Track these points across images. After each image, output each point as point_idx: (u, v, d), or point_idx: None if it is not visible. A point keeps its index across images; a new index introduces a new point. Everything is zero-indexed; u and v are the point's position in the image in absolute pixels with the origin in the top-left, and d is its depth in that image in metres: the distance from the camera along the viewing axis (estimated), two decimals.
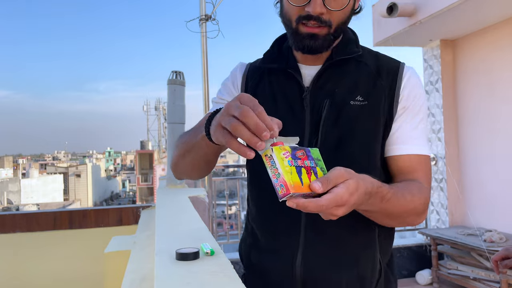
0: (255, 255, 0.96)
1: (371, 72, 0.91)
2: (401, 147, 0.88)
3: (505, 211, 3.61)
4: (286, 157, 0.63)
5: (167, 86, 2.65)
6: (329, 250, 0.87)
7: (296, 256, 0.88)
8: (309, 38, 0.84)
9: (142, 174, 33.33)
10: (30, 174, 35.08)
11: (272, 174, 0.63)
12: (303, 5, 0.82)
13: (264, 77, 0.96)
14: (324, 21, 0.83)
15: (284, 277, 0.89)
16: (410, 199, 0.80)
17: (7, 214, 2.66)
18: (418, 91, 0.90)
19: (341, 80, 0.90)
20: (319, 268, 0.87)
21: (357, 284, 0.88)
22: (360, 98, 0.88)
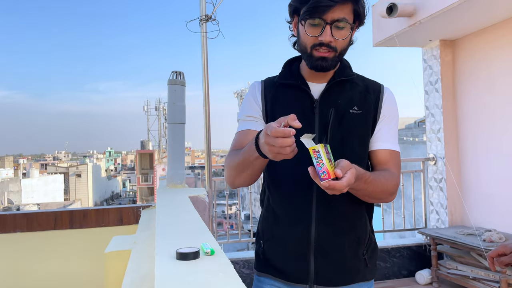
0: (276, 229, 1.23)
1: (362, 90, 1.24)
2: (380, 144, 1.22)
3: (504, 211, 3.61)
4: (326, 152, 0.91)
5: (167, 86, 2.65)
6: (335, 221, 1.18)
7: (311, 227, 1.17)
8: (321, 60, 1.15)
9: (142, 174, 33.32)
10: (31, 174, 35.07)
11: (317, 163, 0.91)
12: (317, 36, 1.13)
13: (280, 91, 1.25)
14: (332, 47, 1.14)
15: (301, 244, 1.18)
16: (384, 182, 1.14)
17: (8, 214, 2.66)
18: (393, 105, 1.26)
19: (342, 95, 1.21)
20: (328, 234, 1.17)
21: (355, 244, 1.20)
22: (356, 108, 1.20)
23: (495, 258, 1.28)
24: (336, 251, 1.18)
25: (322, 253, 1.17)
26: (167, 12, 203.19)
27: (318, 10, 1.10)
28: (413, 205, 4.33)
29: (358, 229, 1.21)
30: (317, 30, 1.13)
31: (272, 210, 1.24)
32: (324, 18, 1.10)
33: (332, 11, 1.10)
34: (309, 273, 1.17)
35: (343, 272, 1.19)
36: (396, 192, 1.19)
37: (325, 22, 1.11)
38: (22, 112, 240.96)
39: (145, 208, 2.58)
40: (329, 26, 1.11)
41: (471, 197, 3.98)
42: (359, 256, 1.21)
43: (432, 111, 4.24)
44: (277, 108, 1.22)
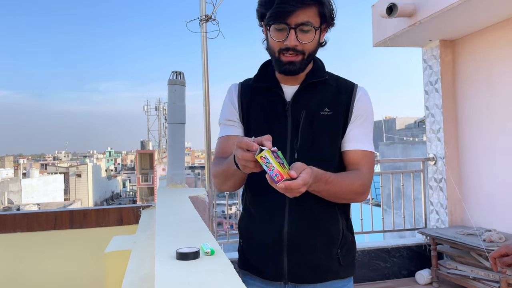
0: (252, 229, 1.27)
1: (334, 90, 1.24)
2: (351, 144, 1.22)
3: (504, 211, 3.61)
4: (275, 157, 0.94)
5: (167, 86, 2.65)
6: (307, 222, 1.20)
7: (283, 227, 1.19)
8: (288, 64, 1.17)
9: (142, 174, 33.32)
10: (31, 174, 35.06)
11: (267, 168, 0.93)
12: (282, 40, 1.14)
13: (255, 94, 1.28)
14: (299, 51, 1.15)
15: (275, 243, 1.20)
16: (348, 183, 1.16)
17: (8, 214, 2.66)
18: (366, 105, 1.25)
19: (313, 97, 1.23)
20: (300, 235, 1.20)
21: (328, 243, 1.22)
22: (327, 109, 1.21)
23: (497, 259, 1.28)
24: (308, 250, 1.20)
25: (295, 252, 1.20)
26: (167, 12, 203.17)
27: (281, 15, 1.11)
28: (413, 205, 4.33)
29: (331, 229, 1.23)
30: (282, 35, 1.14)
31: (248, 210, 1.29)
32: (288, 23, 1.11)
33: (295, 15, 1.10)
34: (283, 271, 1.20)
35: (316, 270, 1.22)
36: (365, 193, 1.21)
37: (289, 27, 1.12)
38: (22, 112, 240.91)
39: (145, 208, 2.58)
40: (293, 30, 1.12)
41: (471, 197, 3.98)
42: (332, 255, 1.23)
43: (432, 111, 4.24)
44: (252, 111, 1.25)
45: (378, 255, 3.91)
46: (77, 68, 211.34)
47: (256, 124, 1.24)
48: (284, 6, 1.10)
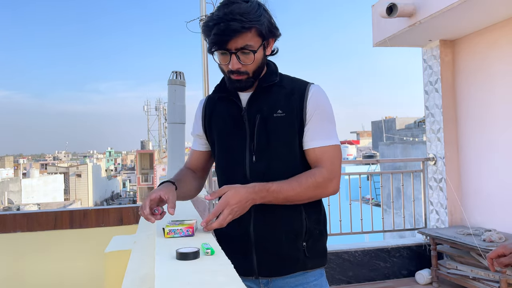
0: (222, 230, 1.27)
1: (287, 92, 1.29)
2: (309, 143, 1.27)
3: (504, 211, 3.61)
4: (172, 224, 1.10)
5: (167, 86, 2.66)
6: (271, 219, 1.27)
7: (250, 226, 1.27)
8: (236, 82, 1.25)
9: (142, 174, 33.31)
10: (31, 174, 35.05)
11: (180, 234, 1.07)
12: (226, 64, 1.22)
13: (216, 104, 1.37)
14: (242, 72, 1.22)
15: (243, 241, 1.28)
16: (297, 184, 1.21)
17: (8, 214, 2.66)
18: (319, 102, 1.28)
19: (266, 100, 1.29)
20: (265, 232, 1.27)
21: (292, 237, 1.28)
22: (280, 111, 1.26)
23: (494, 259, 1.27)
24: (274, 245, 1.27)
25: (262, 248, 1.27)
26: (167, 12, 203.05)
27: (220, 42, 1.17)
28: (413, 205, 4.33)
29: (294, 224, 1.28)
30: (226, 59, 1.22)
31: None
32: (228, 48, 1.18)
33: (233, 41, 1.16)
34: (253, 267, 1.28)
35: (283, 263, 1.28)
36: (327, 186, 1.24)
37: (230, 52, 1.18)
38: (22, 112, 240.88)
39: None
40: (234, 55, 1.19)
41: (471, 197, 3.98)
42: (298, 247, 1.28)
43: (432, 111, 4.24)
44: (213, 120, 1.35)
45: (378, 255, 3.91)
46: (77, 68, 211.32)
47: (217, 133, 1.34)
48: (220, 37, 1.16)
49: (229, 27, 1.14)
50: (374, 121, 19.32)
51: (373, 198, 7.21)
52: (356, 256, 3.85)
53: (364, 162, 14.11)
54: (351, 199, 4.01)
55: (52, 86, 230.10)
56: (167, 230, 1.02)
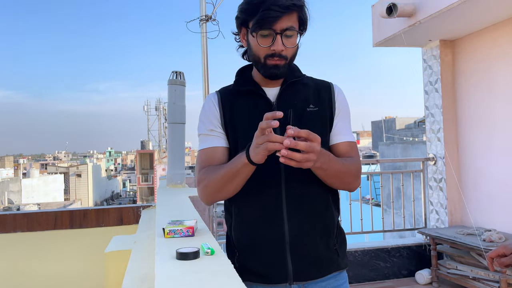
0: (250, 236, 1.24)
1: (314, 89, 1.30)
2: (339, 137, 1.29)
3: (504, 211, 3.61)
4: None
5: (167, 86, 2.66)
6: (306, 217, 1.22)
7: (284, 227, 1.20)
8: (273, 68, 1.20)
9: (142, 174, 33.31)
10: (31, 174, 35.06)
11: (178, 234, 1.06)
12: (269, 46, 1.18)
13: (237, 99, 1.29)
14: (283, 56, 1.19)
15: (277, 246, 1.20)
16: (347, 164, 1.22)
17: (8, 214, 2.66)
18: (345, 100, 1.34)
19: (297, 95, 1.28)
20: (301, 231, 1.21)
21: (325, 236, 1.25)
22: (312, 106, 1.26)
23: (495, 259, 1.26)
24: (310, 246, 1.22)
25: (297, 251, 1.21)
26: (167, 12, 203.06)
27: (268, 21, 1.14)
28: (413, 205, 4.33)
29: (327, 221, 1.26)
30: (268, 40, 1.18)
31: (242, 217, 1.26)
32: (274, 28, 1.15)
33: (280, 21, 1.15)
34: (288, 272, 1.20)
35: (319, 265, 1.24)
36: (359, 178, 1.28)
37: (275, 32, 1.16)
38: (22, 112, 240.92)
39: (145, 208, 2.58)
40: (279, 35, 1.16)
41: (471, 197, 3.98)
42: (330, 247, 1.26)
43: (432, 111, 4.24)
44: (236, 115, 1.26)
45: (378, 255, 3.91)
46: (77, 68, 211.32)
47: (242, 128, 1.24)
48: (270, 12, 1.14)
49: (282, 3, 1.14)
50: (374, 121, 19.33)
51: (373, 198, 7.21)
52: (356, 256, 3.85)
53: (364, 162, 14.08)
54: (351, 199, 4.01)
55: (52, 86, 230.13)
56: (167, 230, 1.02)
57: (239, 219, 1.26)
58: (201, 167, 1.26)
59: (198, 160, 1.29)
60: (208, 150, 1.27)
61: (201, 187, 1.24)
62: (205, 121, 1.30)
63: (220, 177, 1.17)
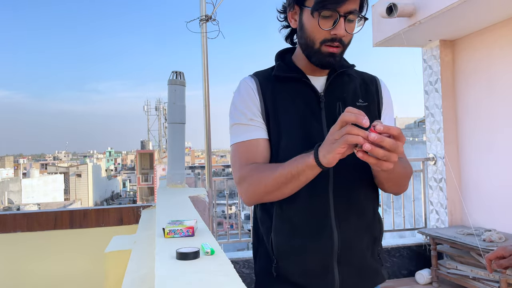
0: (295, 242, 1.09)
1: (361, 82, 1.18)
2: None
3: (504, 211, 3.61)
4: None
5: (167, 86, 2.66)
6: (355, 223, 1.10)
7: (333, 234, 1.07)
8: (330, 56, 1.06)
9: (142, 174, 33.31)
10: (31, 174, 35.06)
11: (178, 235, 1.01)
12: (329, 29, 1.03)
13: (278, 85, 1.13)
14: (343, 42, 1.05)
15: (324, 254, 1.07)
16: (405, 166, 1.10)
17: (8, 214, 2.66)
18: (390, 97, 1.23)
19: (344, 88, 1.14)
20: (350, 239, 1.09)
21: (372, 244, 1.14)
22: (361, 100, 1.14)
23: (493, 261, 1.24)
24: (358, 255, 1.11)
25: (345, 261, 1.08)
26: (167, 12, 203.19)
27: (337, 0, 1.00)
28: (413, 205, 4.33)
29: (374, 228, 1.15)
30: (329, 23, 1.03)
31: (287, 220, 1.10)
32: (338, 10, 1.01)
33: (348, 2, 1.00)
34: (334, 283, 1.08)
35: (367, 276, 1.13)
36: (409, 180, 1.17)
37: (339, 14, 1.01)
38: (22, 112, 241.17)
39: (145, 208, 2.58)
40: (343, 18, 1.01)
41: (471, 197, 3.98)
42: (375, 257, 1.15)
43: (432, 111, 4.24)
44: (279, 103, 1.11)
45: None
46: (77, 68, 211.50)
47: (286, 119, 1.09)
48: None
49: None
50: None
51: None
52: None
53: None
54: None
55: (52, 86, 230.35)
56: (167, 230, 1.02)
57: (283, 222, 1.11)
58: (243, 162, 1.09)
59: (236, 154, 1.12)
60: (249, 143, 1.09)
61: (245, 185, 1.07)
62: (243, 108, 1.11)
63: (274, 177, 1.01)
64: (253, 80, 1.14)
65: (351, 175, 1.08)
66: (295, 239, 1.09)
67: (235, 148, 1.13)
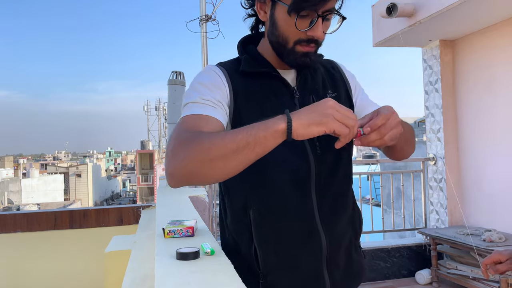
0: (282, 251, 1.00)
1: (324, 70, 1.12)
2: (367, 109, 1.09)
3: (504, 211, 3.61)
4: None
5: (167, 86, 2.66)
6: (338, 221, 1.04)
7: (321, 237, 1.00)
8: (305, 56, 0.99)
9: (142, 174, 33.31)
10: (31, 174, 35.07)
11: (178, 235, 0.99)
12: (305, 30, 0.95)
13: (248, 80, 1.03)
14: (319, 42, 0.98)
15: (313, 260, 1.00)
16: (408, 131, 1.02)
17: (8, 214, 2.66)
18: (352, 74, 1.16)
19: (314, 79, 1.08)
20: (336, 240, 1.03)
21: (354, 238, 1.09)
22: (330, 91, 1.08)
23: (490, 266, 1.21)
24: (345, 255, 1.05)
25: (333, 263, 1.02)
26: (167, 12, 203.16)
27: (314, 1, 0.92)
28: (413, 205, 4.33)
29: (354, 221, 1.09)
30: (305, 23, 0.94)
31: (270, 228, 0.99)
32: (316, 9, 0.93)
33: (329, 2, 0.93)
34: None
35: (354, 273, 1.08)
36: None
37: (317, 14, 0.93)
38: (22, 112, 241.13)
39: (145, 208, 2.58)
40: (321, 18, 0.94)
41: (471, 197, 3.98)
42: (358, 251, 1.10)
43: (432, 111, 4.24)
44: (249, 99, 1.00)
45: (378, 255, 3.91)
46: (77, 68, 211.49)
47: (259, 115, 0.90)
48: None
49: None
50: None
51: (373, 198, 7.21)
52: None
53: (364, 162, 14.09)
54: None
55: (52, 86, 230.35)
56: (167, 230, 1.02)
57: (265, 231, 0.99)
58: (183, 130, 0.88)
59: (178, 127, 0.91)
60: (199, 117, 0.92)
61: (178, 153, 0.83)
62: (204, 91, 0.97)
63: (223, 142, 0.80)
64: (220, 70, 1.03)
65: (332, 170, 1.02)
66: (282, 248, 0.99)
67: (179, 122, 0.94)
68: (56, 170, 42.79)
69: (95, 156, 66.54)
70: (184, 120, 0.93)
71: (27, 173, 36.39)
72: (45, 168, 46.71)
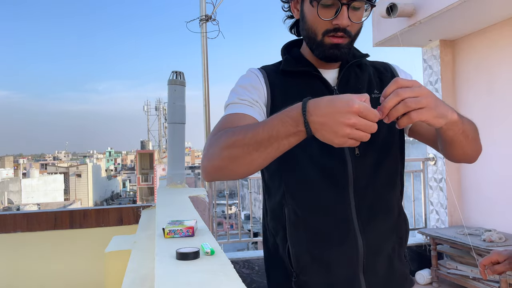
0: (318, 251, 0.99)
1: (373, 71, 1.09)
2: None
3: (504, 211, 3.62)
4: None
5: (167, 86, 2.65)
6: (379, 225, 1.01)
7: (357, 239, 0.98)
8: (334, 48, 0.98)
9: (142, 174, 33.32)
10: (31, 174, 35.08)
11: (178, 235, 0.98)
12: (331, 19, 0.95)
13: (287, 80, 1.04)
14: (348, 32, 0.97)
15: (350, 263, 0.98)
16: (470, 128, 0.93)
17: (8, 214, 2.66)
18: (407, 74, 1.12)
19: (358, 79, 1.06)
20: (375, 244, 1.00)
21: (398, 246, 1.05)
22: (376, 91, 1.04)
23: (488, 266, 1.19)
24: (385, 261, 1.02)
25: (371, 268, 0.99)
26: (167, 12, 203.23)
27: None
28: (413, 205, 4.33)
29: (399, 228, 1.06)
30: (330, 12, 0.95)
31: (304, 227, 1.00)
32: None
33: None
34: None
35: (395, 283, 1.04)
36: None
37: (340, 3, 0.93)
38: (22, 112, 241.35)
39: (145, 208, 2.58)
40: (345, 7, 0.93)
41: (471, 197, 3.98)
42: (402, 260, 1.06)
43: None
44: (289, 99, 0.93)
45: None
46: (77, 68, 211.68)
47: None
48: None
49: None
50: None
51: None
52: None
53: None
54: None
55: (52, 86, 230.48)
56: (167, 230, 1.02)
57: (299, 230, 1.00)
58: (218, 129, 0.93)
59: (215, 127, 0.96)
60: (236, 115, 0.95)
61: (207, 152, 0.88)
62: (250, 88, 1.01)
63: (246, 140, 0.81)
64: (260, 72, 1.06)
65: (372, 171, 0.99)
66: (316, 248, 0.99)
67: (218, 122, 0.98)
68: (56, 170, 42.81)
69: (95, 156, 66.57)
70: (220, 120, 0.98)
71: (27, 173, 36.41)
72: (45, 168, 46.72)
